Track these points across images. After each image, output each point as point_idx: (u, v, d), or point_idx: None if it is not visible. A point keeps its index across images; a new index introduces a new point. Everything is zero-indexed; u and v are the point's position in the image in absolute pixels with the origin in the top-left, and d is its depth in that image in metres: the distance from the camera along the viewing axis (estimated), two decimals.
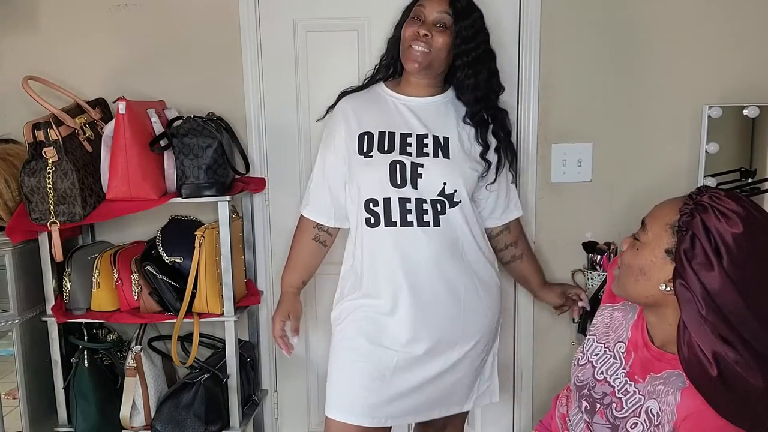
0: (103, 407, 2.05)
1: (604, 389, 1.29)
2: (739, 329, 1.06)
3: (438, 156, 1.67)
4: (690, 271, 1.09)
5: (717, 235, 1.08)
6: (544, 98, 2.11)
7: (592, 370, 1.34)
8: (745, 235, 1.07)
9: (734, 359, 1.06)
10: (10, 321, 1.98)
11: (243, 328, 2.26)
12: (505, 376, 2.27)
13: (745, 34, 2.05)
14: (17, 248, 1.98)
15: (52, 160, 1.82)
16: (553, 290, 1.94)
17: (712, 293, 1.07)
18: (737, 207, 1.09)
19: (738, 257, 1.07)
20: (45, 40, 2.20)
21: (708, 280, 1.08)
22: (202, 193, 1.94)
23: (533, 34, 2.07)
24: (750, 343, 1.06)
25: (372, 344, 1.67)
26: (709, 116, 2.03)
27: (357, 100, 1.80)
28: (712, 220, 1.09)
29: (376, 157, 1.66)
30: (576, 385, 1.38)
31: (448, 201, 1.66)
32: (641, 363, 1.26)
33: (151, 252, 2.05)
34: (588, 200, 2.15)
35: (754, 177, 2.03)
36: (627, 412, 1.22)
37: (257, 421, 2.30)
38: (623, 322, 1.34)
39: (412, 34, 1.65)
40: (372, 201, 1.65)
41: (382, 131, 1.69)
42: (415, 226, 1.63)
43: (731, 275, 1.06)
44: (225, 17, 2.14)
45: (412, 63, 1.66)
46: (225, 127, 2.04)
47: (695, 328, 1.09)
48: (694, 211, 1.11)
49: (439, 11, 1.64)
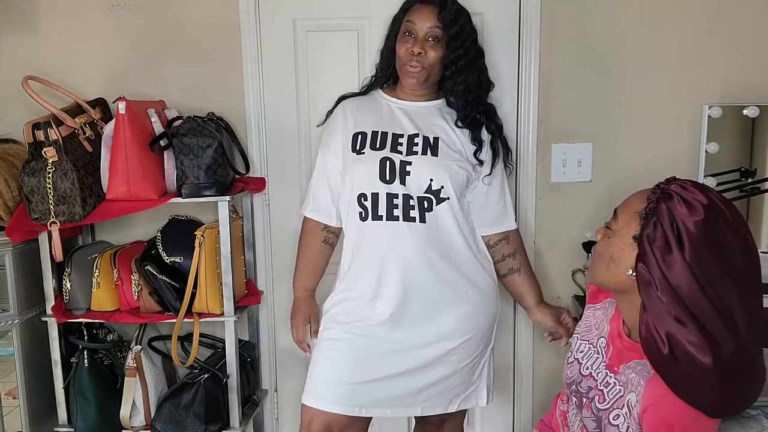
0: (103, 407, 2.05)
1: (589, 383, 1.34)
2: (693, 311, 1.11)
3: (426, 154, 1.70)
4: (650, 254, 1.15)
5: (679, 221, 1.13)
6: (544, 98, 2.11)
7: (578, 366, 1.39)
8: (706, 222, 1.12)
9: (686, 339, 1.11)
10: (10, 321, 1.98)
11: (243, 328, 2.26)
12: (505, 376, 2.27)
13: (745, 34, 2.05)
14: (17, 248, 1.98)
15: (52, 160, 1.82)
16: (550, 312, 1.86)
17: (668, 276, 1.13)
18: (702, 197, 1.14)
19: (697, 243, 1.12)
20: (45, 40, 2.20)
21: (666, 263, 1.13)
22: (202, 193, 1.94)
23: (533, 34, 2.07)
24: (702, 324, 1.10)
25: (348, 334, 1.70)
26: (709, 116, 2.03)
27: (355, 103, 1.83)
28: (676, 207, 1.14)
29: (368, 154, 1.70)
30: (566, 383, 1.44)
31: (435, 198, 1.68)
32: (617, 354, 1.30)
33: (151, 252, 2.05)
34: (588, 200, 2.15)
35: (754, 177, 2.03)
36: (609, 404, 1.26)
37: (257, 421, 2.30)
38: (604, 318, 1.40)
39: (407, 53, 1.69)
40: (363, 195, 1.69)
41: (376, 131, 1.73)
42: (401, 220, 1.66)
43: (688, 259, 1.11)
44: (225, 17, 2.14)
45: (410, 79, 1.71)
46: (225, 127, 2.04)
47: (651, 308, 1.15)
48: (660, 199, 1.17)
49: (429, 26, 1.67)
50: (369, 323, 1.69)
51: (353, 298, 1.72)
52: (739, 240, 1.15)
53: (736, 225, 1.16)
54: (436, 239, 1.69)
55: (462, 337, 1.71)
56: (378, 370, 1.69)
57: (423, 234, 1.67)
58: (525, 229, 2.16)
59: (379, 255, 1.68)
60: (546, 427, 1.56)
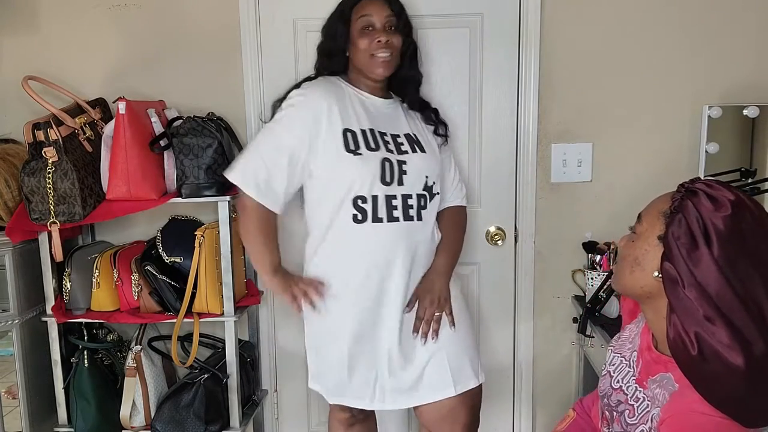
0: (103, 407, 2.05)
1: (619, 397, 1.30)
2: (722, 309, 1.07)
3: (416, 151, 1.71)
4: (677, 251, 1.11)
5: (706, 217, 1.10)
6: (544, 98, 2.11)
7: (610, 379, 1.36)
8: (733, 217, 1.09)
9: (716, 338, 1.07)
10: (10, 321, 1.98)
11: (243, 328, 2.26)
12: (505, 376, 2.27)
13: (745, 34, 2.05)
14: (17, 248, 1.98)
15: (52, 160, 1.82)
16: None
17: (695, 273, 1.09)
18: (728, 193, 1.11)
19: (724, 239, 1.08)
20: (45, 40, 2.20)
21: (693, 259, 1.09)
22: (202, 193, 1.94)
23: (533, 34, 2.07)
24: (732, 322, 1.07)
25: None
26: (709, 116, 2.03)
27: (333, 95, 1.68)
28: (702, 203, 1.11)
29: (366, 155, 1.64)
30: (599, 396, 1.40)
31: (429, 194, 1.71)
32: (646, 367, 1.26)
33: (151, 252, 2.05)
34: (588, 200, 2.15)
35: (754, 177, 2.02)
36: (637, 419, 1.23)
37: (257, 421, 2.30)
38: (636, 331, 1.36)
39: (374, 45, 1.69)
40: (361, 198, 1.64)
41: (364, 129, 1.69)
42: (402, 221, 1.66)
43: (716, 255, 1.08)
44: (225, 17, 2.14)
45: (379, 69, 1.70)
46: (225, 127, 2.04)
47: (679, 307, 1.11)
48: (684, 197, 1.14)
49: (386, 15, 1.71)
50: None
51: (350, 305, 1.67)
52: (766, 236, 1.11)
53: (762, 220, 1.12)
54: (429, 233, 1.72)
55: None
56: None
57: (421, 232, 1.69)
58: (525, 229, 2.17)
59: (381, 257, 1.65)
60: (584, 412, 1.51)
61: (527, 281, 2.19)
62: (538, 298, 2.21)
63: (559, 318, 2.21)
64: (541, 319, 2.22)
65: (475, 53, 2.11)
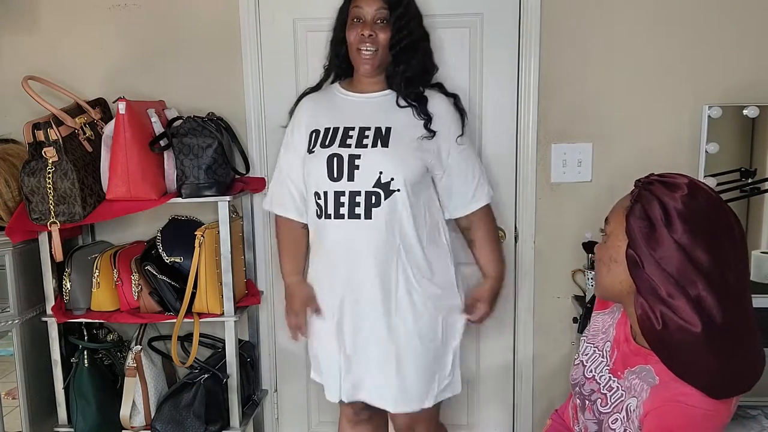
0: (103, 407, 2.05)
1: (592, 386, 1.34)
2: (683, 284, 1.13)
3: (376, 146, 1.68)
4: (636, 235, 1.17)
5: (665, 200, 1.15)
6: (544, 98, 2.11)
7: (582, 368, 1.40)
8: (689, 195, 1.15)
9: (678, 312, 1.13)
10: (10, 321, 1.98)
11: (243, 328, 2.26)
12: (505, 376, 2.27)
13: (744, 34, 2.05)
14: (17, 248, 1.98)
15: (52, 160, 1.82)
16: (475, 291, 1.83)
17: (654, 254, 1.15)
18: (681, 177, 1.18)
19: (683, 216, 1.14)
20: (45, 40, 2.20)
21: (652, 240, 1.15)
22: (202, 193, 1.94)
23: (533, 34, 2.07)
24: (692, 296, 1.12)
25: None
26: (709, 116, 2.03)
27: (313, 100, 1.84)
28: (658, 188, 1.17)
29: (317, 152, 1.71)
30: (571, 384, 1.45)
31: (384, 191, 1.65)
32: (622, 358, 1.30)
33: (151, 252, 2.05)
34: (588, 200, 2.15)
35: (754, 177, 2.03)
36: (610, 407, 1.27)
37: (257, 421, 2.30)
38: (611, 322, 1.40)
39: (357, 38, 1.69)
40: (317, 194, 1.71)
41: (328, 127, 1.73)
42: (347, 218, 1.67)
43: (674, 233, 1.13)
44: (225, 17, 2.14)
45: (364, 66, 1.71)
46: (225, 127, 2.04)
47: (643, 288, 1.17)
48: (641, 189, 1.20)
49: (377, 8, 1.68)
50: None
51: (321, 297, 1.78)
52: (722, 212, 1.17)
53: (717, 199, 1.19)
54: (386, 234, 1.66)
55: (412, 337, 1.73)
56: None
57: (370, 230, 1.66)
58: (525, 229, 2.17)
59: (332, 252, 1.71)
60: (559, 418, 1.56)
61: (527, 281, 2.19)
62: (538, 298, 2.21)
63: (559, 318, 2.21)
64: (541, 319, 2.22)
65: (475, 53, 2.10)
